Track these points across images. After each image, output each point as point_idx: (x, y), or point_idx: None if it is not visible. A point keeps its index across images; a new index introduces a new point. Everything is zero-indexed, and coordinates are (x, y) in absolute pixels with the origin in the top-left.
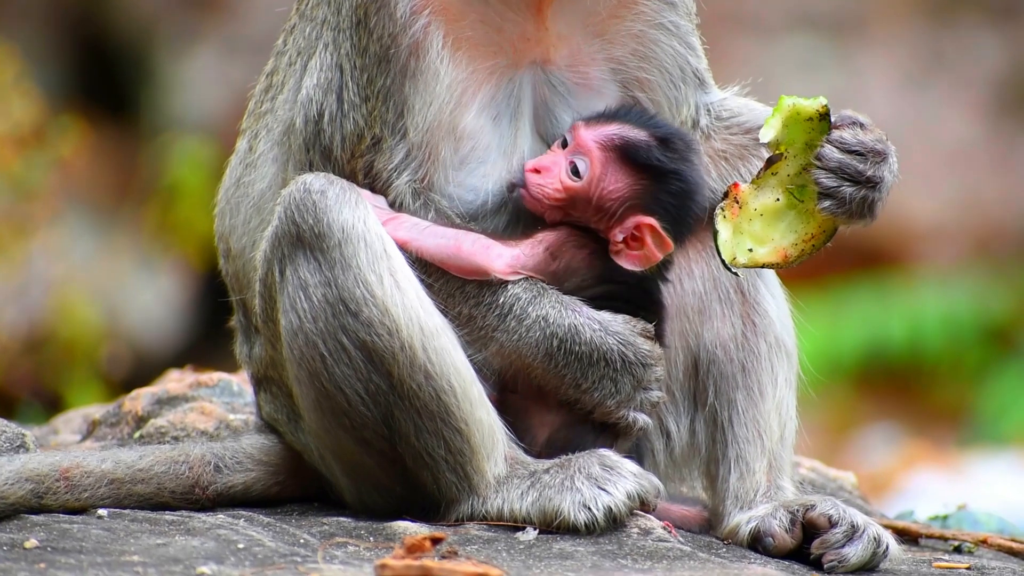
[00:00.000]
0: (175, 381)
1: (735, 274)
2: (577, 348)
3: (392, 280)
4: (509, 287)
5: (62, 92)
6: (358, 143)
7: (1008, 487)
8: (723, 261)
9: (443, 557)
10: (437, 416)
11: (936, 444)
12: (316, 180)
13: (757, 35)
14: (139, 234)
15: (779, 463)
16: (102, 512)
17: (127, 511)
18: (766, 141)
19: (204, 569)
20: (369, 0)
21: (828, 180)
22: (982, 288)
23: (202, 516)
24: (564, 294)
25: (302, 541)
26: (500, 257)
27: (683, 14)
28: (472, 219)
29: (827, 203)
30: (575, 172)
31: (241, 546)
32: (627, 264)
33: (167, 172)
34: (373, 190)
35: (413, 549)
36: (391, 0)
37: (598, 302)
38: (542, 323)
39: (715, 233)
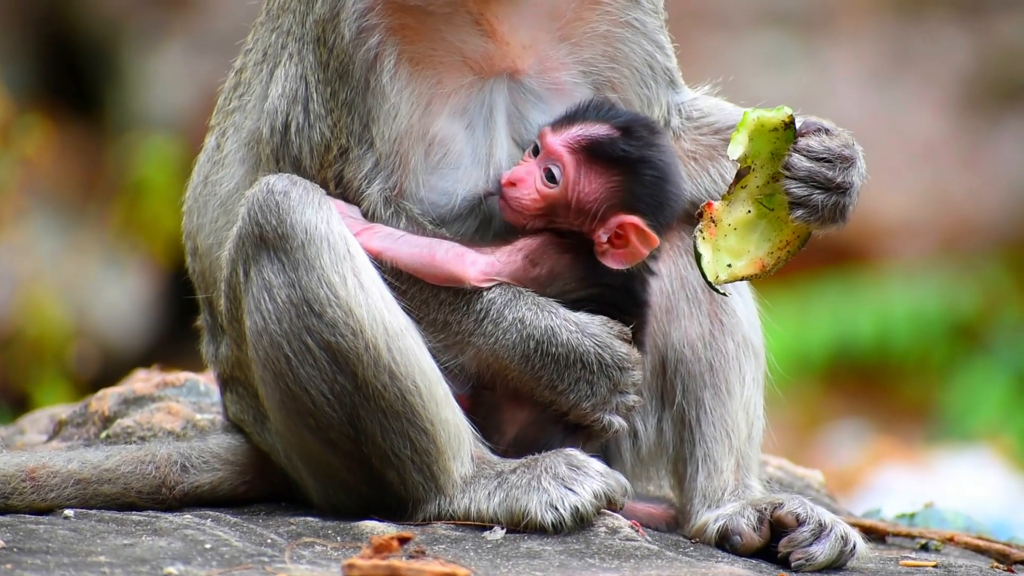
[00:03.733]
0: (142, 381)
1: (723, 294)
2: (554, 350)
3: (356, 281)
4: (484, 292)
5: (28, 89)
6: (326, 153)
7: (975, 484)
8: (708, 283)
9: (411, 557)
10: (403, 416)
11: (903, 441)
12: (279, 181)
13: (724, 32)
14: (106, 232)
15: (747, 462)
16: (68, 512)
17: (94, 511)
18: (735, 158)
19: (171, 569)
20: (325, 18)
21: (799, 189)
22: (950, 284)
23: (169, 516)
24: (547, 299)
25: (269, 541)
26: (474, 265)
27: (649, 11)
28: (444, 224)
29: (799, 212)
30: (550, 178)
31: (208, 546)
32: (613, 263)
33: (134, 169)
34: (346, 199)
35: (380, 549)
36: (341, 19)
37: (582, 305)
38: (519, 325)
39: (698, 256)
